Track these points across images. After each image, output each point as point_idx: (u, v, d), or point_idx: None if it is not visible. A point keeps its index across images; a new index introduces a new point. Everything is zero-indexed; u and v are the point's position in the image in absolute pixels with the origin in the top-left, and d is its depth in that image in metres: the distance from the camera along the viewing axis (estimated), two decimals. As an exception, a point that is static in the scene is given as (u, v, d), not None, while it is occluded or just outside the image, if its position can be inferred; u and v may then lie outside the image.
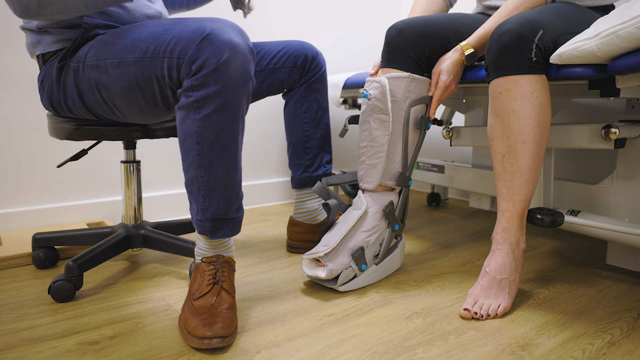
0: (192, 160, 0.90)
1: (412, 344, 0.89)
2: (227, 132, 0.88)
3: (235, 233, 0.97)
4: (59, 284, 1.04)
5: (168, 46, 0.88)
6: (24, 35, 1.46)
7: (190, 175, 0.92)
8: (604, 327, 0.97)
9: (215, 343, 0.84)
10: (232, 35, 0.86)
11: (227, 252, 0.99)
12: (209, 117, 0.86)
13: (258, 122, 2.02)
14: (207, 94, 0.85)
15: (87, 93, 1.01)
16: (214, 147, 0.88)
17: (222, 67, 0.84)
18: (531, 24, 0.96)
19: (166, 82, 0.91)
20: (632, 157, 1.21)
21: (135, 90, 0.95)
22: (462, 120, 2.11)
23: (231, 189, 0.92)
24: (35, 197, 1.54)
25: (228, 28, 0.87)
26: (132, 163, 1.27)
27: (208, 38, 0.85)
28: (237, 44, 0.85)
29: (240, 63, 0.85)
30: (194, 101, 0.86)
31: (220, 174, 0.90)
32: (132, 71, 0.93)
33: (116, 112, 1.02)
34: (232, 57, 0.84)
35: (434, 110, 1.16)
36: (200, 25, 0.87)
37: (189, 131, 0.88)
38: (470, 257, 1.38)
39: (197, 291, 0.92)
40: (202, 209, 0.93)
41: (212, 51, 0.84)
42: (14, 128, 1.48)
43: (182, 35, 0.88)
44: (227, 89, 0.85)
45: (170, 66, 0.88)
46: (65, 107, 1.07)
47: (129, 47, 0.93)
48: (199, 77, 0.84)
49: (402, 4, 2.49)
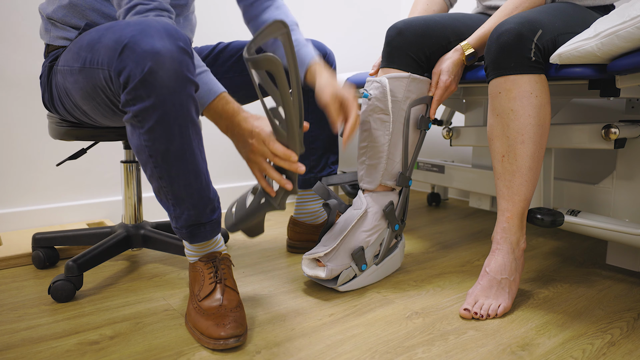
0: (151, 173, 0.85)
1: (412, 344, 0.89)
2: (177, 142, 0.82)
3: (215, 234, 0.95)
4: (59, 284, 1.04)
5: (99, 56, 0.84)
6: (24, 35, 1.46)
7: (154, 186, 0.88)
8: (604, 327, 0.97)
9: (232, 343, 0.85)
10: (153, 40, 0.77)
11: (217, 248, 0.98)
12: (153, 131, 0.80)
13: (258, 122, 2.02)
14: (143, 108, 0.78)
15: (63, 97, 1.01)
16: (167, 159, 0.83)
17: (149, 77, 0.76)
18: (530, 23, 0.96)
19: (108, 92, 0.87)
20: (632, 157, 1.21)
21: (90, 98, 0.92)
22: (462, 120, 2.11)
23: (198, 195, 0.88)
24: (35, 197, 1.54)
25: (150, 31, 0.78)
26: (132, 163, 1.27)
27: (127, 47, 0.78)
28: (160, 49, 0.77)
29: (169, 69, 0.77)
30: (133, 116, 0.80)
31: (183, 183, 0.86)
32: (80, 80, 0.90)
33: (89, 117, 1.00)
34: (157, 65, 0.76)
35: (435, 110, 1.16)
36: (121, 33, 0.80)
37: (139, 145, 0.83)
38: (470, 257, 1.38)
39: (201, 291, 0.92)
40: (175, 217, 0.91)
41: (134, 61, 0.77)
42: (14, 128, 1.48)
43: (107, 45, 0.82)
44: (163, 99, 0.78)
45: (106, 78, 0.84)
46: (53, 108, 1.07)
47: (75, 54, 0.91)
48: (129, 91, 0.78)
49: (402, 4, 2.49)
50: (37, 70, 1.49)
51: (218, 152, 1.90)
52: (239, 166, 1.98)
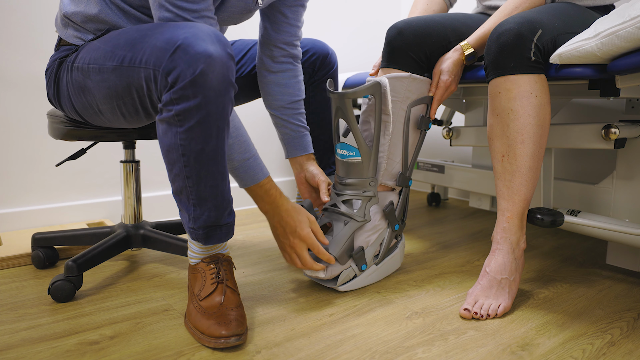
0: (178, 172, 0.86)
1: (412, 344, 0.89)
2: (213, 143, 0.84)
3: (229, 237, 0.95)
4: (58, 284, 1.04)
5: (143, 55, 0.84)
6: (24, 35, 1.46)
7: (178, 186, 0.88)
8: (604, 327, 0.97)
9: (233, 341, 0.85)
10: (206, 44, 0.80)
11: (223, 251, 0.99)
12: (192, 130, 0.82)
13: (258, 122, 2.02)
14: (187, 107, 0.80)
15: (74, 95, 1.00)
16: (200, 159, 0.85)
17: (200, 78, 0.79)
18: (530, 23, 0.96)
19: (145, 92, 0.87)
20: (632, 157, 1.21)
21: (116, 98, 0.92)
22: (462, 120, 2.11)
23: (222, 197, 0.90)
24: (35, 197, 1.54)
25: (203, 35, 0.81)
26: (132, 163, 1.27)
27: (181, 48, 0.79)
28: (212, 53, 0.80)
29: (219, 72, 0.81)
30: (174, 115, 0.82)
31: (210, 184, 0.87)
32: (112, 79, 0.90)
33: (101, 117, 1.00)
34: (209, 67, 0.79)
35: (435, 110, 1.16)
36: (173, 34, 0.82)
37: (172, 144, 0.84)
38: (470, 257, 1.38)
39: (202, 291, 0.92)
40: (194, 218, 0.91)
41: (186, 62, 0.79)
42: (14, 128, 1.48)
43: (155, 45, 0.83)
44: (208, 101, 0.81)
45: (148, 77, 0.84)
46: (59, 104, 1.06)
47: (109, 53, 0.90)
48: (177, 91, 0.80)
49: (402, 4, 2.49)
50: (37, 70, 1.49)
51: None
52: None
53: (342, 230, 1.09)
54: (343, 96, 1.06)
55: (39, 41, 1.48)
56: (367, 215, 1.11)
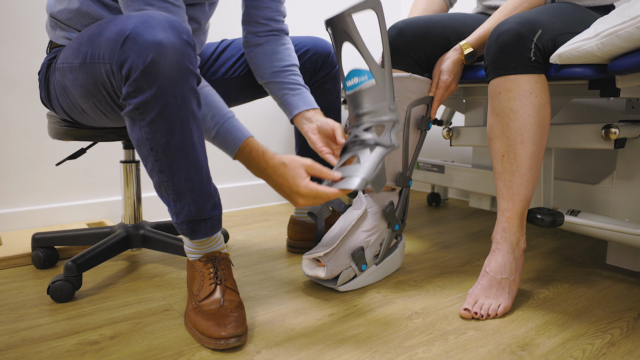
0: (152, 167, 0.85)
1: (412, 344, 0.89)
2: (178, 134, 0.82)
3: (216, 231, 0.94)
4: (57, 284, 1.04)
5: (100, 50, 0.83)
6: (24, 35, 1.46)
7: (155, 181, 0.88)
8: (604, 327, 0.97)
9: (233, 342, 0.85)
10: (156, 31, 0.77)
11: (217, 247, 0.97)
12: (154, 123, 0.80)
13: (258, 121, 2.02)
14: (144, 100, 0.78)
15: (60, 96, 1.00)
16: (168, 152, 0.82)
17: (151, 68, 0.76)
18: (530, 23, 0.96)
19: (109, 87, 0.85)
20: (632, 157, 1.21)
21: (90, 96, 0.91)
22: (462, 120, 2.11)
23: (199, 190, 0.88)
24: (35, 197, 1.54)
25: (153, 22, 0.78)
26: (132, 163, 1.27)
27: (130, 38, 0.77)
28: (162, 40, 0.76)
29: (171, 59, 0.77)
30: (134, 108, 0.80)
31: (184, 177, 0.86)
32: (81, 77, 0.89)
33: (86, 116, 0.99)
34: (159, 55, 0.76)
35: (435, 110, 1.16)
36: (123, 24, 0.79)
37: (140, 138, 0.82)
38: (470, 257, 1.38)
39: (201, 292, 0.92)
40: (176, 213, 0.90)
41: (136, 52, 0.76)
42: (14, 128, 1.48)
43: (109, 37, 0.81)
44: (164, 91, 0.78)
45: (107, 72, 0.82)
46: (51, 106, 1.06)
47: (75, 51, 0.90)
48: (131, 83, 0.78)
49: (402, 4, 2.49)
50: (37, 70, 1.49)
51: (219, 152, 1.90)
52: (239, 166, 1.97)
53: (370, 155, 0.94)
54: (343, 15, 0.94)
55: (39, 41, 1.48)
56: (393, 140, 0.96)
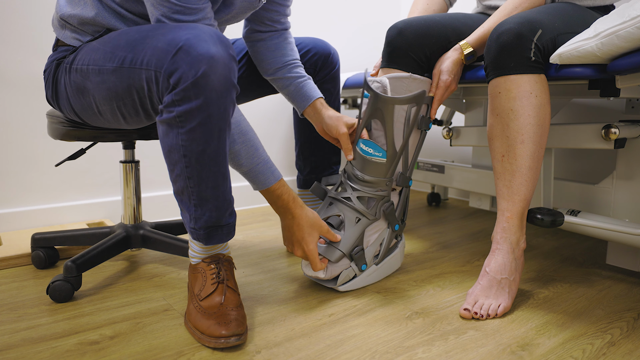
0: (180, 172, 0.87)
1: (412, 344, 0.89)
2: (214, 144, 0.85)
3: (230, 237, 0.95)
4: (57, 284, 1.04)
5: (144, 57, 0.84)
6: (24, 35, 1.46)
7: (179, 186, 0.89)
8: (604, 327, 0.97)
9: (233, 341, 0.85)
10: (208, 45, 0.80)
11: (223, 251, 0.99)
12: (193, 131, 0.82)
13: (258, 122, 2.02)
14: (189, 109, 0.81)
15: (73, 96, 0.99)
16: (201, 160, 0.85)
17: (202, 80, 0.79)
18: (530, 23, 0.96)
19: (145, 93, 0.87)
20: (632, 157, 1.21)
21: (116, 99, 0.92)
22: (462, 120, 2.11)
23: (223, 197, 0.90)
24: (35, 197, 1.54)
25: (205, 36, 0.81)
26: (131, 163, 1.27)
27: (183, 49, 0.79)
28: (214, 54, 0.80)
29: (221, 74, 0.81)
30: (176, 116, 0.82)
31: (211, 185, 0.87)
32: (112, 80, 0.90)
33: (101, 118, 1.00)
34: (211, 69, 0.80)
35: (435, 110, 1.16)
36: (175, 35, 0.82)
37: (174, 144, 0.84)
38: (470, 257, 1.38)
39: (202, 291, 0.92)
40: (195, 218, 0.91)
41: (188, 64, 0.79)
42: (14, 128, 1.48)
43: (157, 46, 0.83)
44: (210, 102, 0.81)
45: (149, 78, 0.84)
46: (57, 106, 1.06)
47: (109, 54, 0.90)
48: (178, 92, 0.80)
49: (402, 4, 2.49)
50: (37, 70, 1.49)
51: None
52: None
53: (354, 228, 1.11)
54: (390, 101, 1.06)
55: (39, 41, 1.48)
56: (377, 213, 1.13)
